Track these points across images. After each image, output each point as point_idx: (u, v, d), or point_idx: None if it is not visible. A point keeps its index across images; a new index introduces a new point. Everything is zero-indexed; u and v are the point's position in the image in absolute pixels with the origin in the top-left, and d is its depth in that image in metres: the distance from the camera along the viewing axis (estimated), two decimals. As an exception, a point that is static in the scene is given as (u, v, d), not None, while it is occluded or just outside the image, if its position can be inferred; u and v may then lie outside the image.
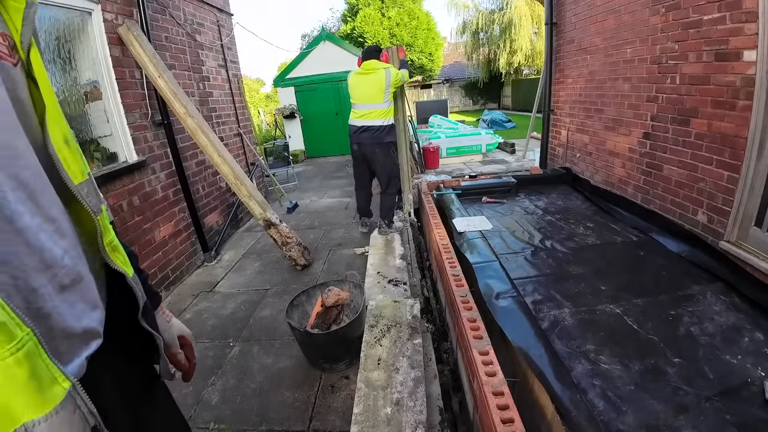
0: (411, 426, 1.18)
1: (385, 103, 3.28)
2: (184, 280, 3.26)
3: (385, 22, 15.27)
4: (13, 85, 0.46)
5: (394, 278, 2.17)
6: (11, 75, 0.46)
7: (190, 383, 2.04)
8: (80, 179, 0.56)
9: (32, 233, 0.43)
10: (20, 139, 0.44)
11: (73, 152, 0.56)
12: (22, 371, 0.37)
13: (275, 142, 6.99)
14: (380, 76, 3.20)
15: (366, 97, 3.30)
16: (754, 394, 1.28)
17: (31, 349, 0.38)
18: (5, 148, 0.42)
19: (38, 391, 0.38)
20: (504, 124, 11.56)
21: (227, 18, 4.74)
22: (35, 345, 0.38)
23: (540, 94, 5.16)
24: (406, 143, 3.91)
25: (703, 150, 2.25)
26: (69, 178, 0.52)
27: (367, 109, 3.31)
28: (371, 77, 3.23)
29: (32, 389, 0.37)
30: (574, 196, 3.46)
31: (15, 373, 0.36)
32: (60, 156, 0.51)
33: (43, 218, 0.46)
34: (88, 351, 0.51)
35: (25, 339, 0.37)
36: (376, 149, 3.35)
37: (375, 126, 3.31)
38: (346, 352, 2.00)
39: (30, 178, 0.44)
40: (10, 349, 0.36)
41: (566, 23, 3.89)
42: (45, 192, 0.47)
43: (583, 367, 1.44)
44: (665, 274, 2.04)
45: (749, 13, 1.86)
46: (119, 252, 0.65)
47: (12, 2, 0.48)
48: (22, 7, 0.48)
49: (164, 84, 2.89)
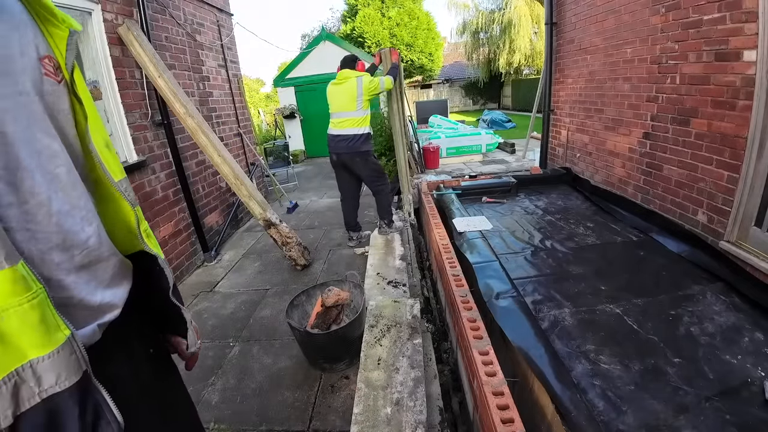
0: (411, 426, 1.18)
1: (358, 112, 3.22)
2: (184, 280, 3.26)
3: (385, 22, 15.26)
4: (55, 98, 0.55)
5: (393, 279, 2.17)
6: (55, 90, 0.55)
7: (190, 384, 2.03)
8: (120, 177, 0.66)
9: (62, 216, 0.53)
10: (55, 142, 0.54)
11: (113, 154, 0.67)
12: (35, 315, 0.45)
13: (275, 142, 6.99)
14: (351, 85, 3.17)
15: (340, 106, 3.26)
16: (754, 394, 1.28)
17: (43, 299, 0.46)
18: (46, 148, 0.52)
19: (45, 333, 0.46)
20: (504, 124, 11.56)
21: (227, 18, 4.74)
22: (45, 297, 0.47)
23: (540, 94, 5.16)
24: (404, 144, 3.92)
25: (703, 150, 2.25)
26: (111, 175, 0.63)
27: (342, 118, 3.26)
28: (344, 86, 3.21)
29: (41, 332, 0.45)
30: (574, 196, 3.46)
31: (30, 317, 0.44)
32: (103, 157, 0.62)
33: (72, 206, 0.55)
34: (101, 321, 0.60)
35: (38, 291, 0.46)
36: (356, 157, 3.28)
37: (350, 135, 3.25)
38: (346, 352, 2.00)
39: (64, 174, 0.54)
40: (28, 297, 0.44)
41: (566, 23, 3.89)
42: (76, 185, 0.56)
43: (583, 367, 1.44)
44: (665, 274, 2.04)
45: (749, 13, 1.86)
46: (152, 237, 0.74)
47: (57, 30, 0.57)
48: (65, 35, 0.58)
49: (164, 84, 2.89)
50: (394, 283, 2.12)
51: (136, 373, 0.68)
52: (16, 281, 0.43)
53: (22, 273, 0.44)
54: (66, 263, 0.54)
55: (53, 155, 0.53)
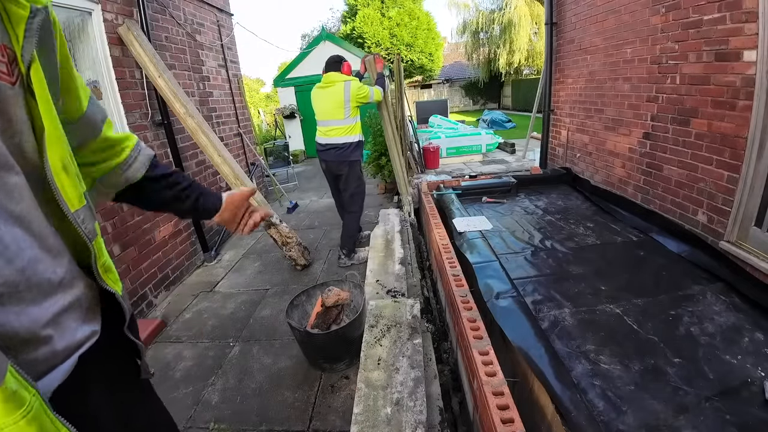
0: (411, 426, 1.18)
1: (346, 120, 3.01)
2: (184, 280, 3.26)
3: (385, 22, 15.26)
4: (5, 106, 0.43)
5: (392, 288, 2.18)
6: (6, 96, 0.43)
7: (190, 384, 2.04)
8: (77, 206, 0.56)
9: (32, 263, 0.47)
10: (10, 175, 0.45)
11: (71, 177, 0.55)
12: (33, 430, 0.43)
13: (275, 142, 6.99)
14: (338, 90, 2.95)
15: (326, 113, 3.06)
16: (754, 394, 1.28)
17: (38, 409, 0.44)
18: None
19: None
20: (504, 124, 11.57)
21: (227, 18, 4.74)
22: (41, 404, 0.44)
23: (540, 94, 5.16)
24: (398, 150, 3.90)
25: (703, 150, 2.25)
26: (66, 206, 0.53)
27: (329, 126, 3.07)
28: (329, 91, 2.99)
29: None
30: (574, 196, 3.46)
31: None
32: (58, 183, 0.51)
33: (40, 247, 0.49)
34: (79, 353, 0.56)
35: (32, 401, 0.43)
36: (343, 166, 3.13)
37: (339, 144, 3.07)
38: (346, 352, 2.00)
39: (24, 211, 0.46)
40: (22, 413, 0.42)
41: (566, 23, 3.89)
42: (36, 220, 0.49)
43: (583, 367, 1.44)
44: (665, 274, 2.04)
45: (749, 13, 1.86)
46: (111, 272, 0.67)
47: (15, 8, 0.43)
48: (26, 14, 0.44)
49: (164, 84, 2.89)
50: (393, 292, 2.13)
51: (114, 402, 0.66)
52: (7, 400, 0.40)
53: (11, 388, 0.41)
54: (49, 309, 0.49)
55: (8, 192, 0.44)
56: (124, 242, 2.62)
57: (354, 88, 2.96)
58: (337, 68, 3.06)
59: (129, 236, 2.68)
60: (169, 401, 1.91)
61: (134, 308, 2.63)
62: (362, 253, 3.28)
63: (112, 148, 0.76)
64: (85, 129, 0.70)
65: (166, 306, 2.88)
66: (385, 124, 3.76)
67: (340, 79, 2.98)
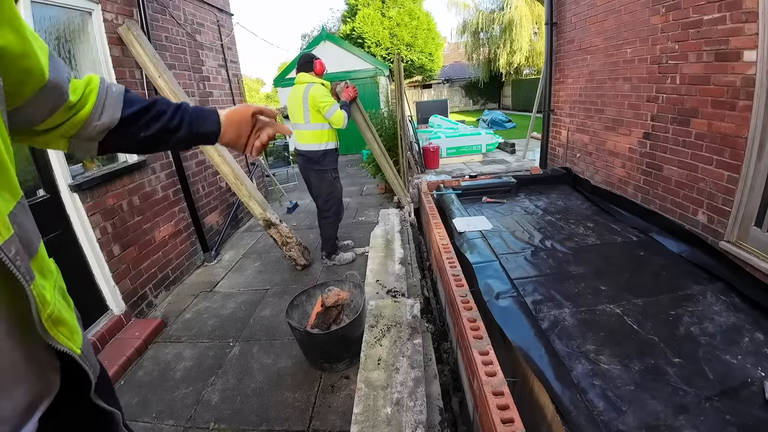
0: (411, 426, 1.18)
1: (311, 125, 2.83)
2: (184, 280, 3.26)
3: (385, 22, 15.27)
4: None
5: (392, 288, 2.18)
6: None
7: (190, 384, 2.04)
8: (6, 236, 0.41)
9: None
10: None
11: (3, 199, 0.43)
12: None
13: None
14: (299, 91, 2.80)
15: (292, 115, 2.90)
16: (754, 394, 1.28)
17: None
18: None
19: None
20: (504, 124, 11.57)
21: (227, 18, 4.74)
22: None
23: (540, 94, 5.16)
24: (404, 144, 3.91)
25: (703, 150, 2.25)
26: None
27: (298, 130, 2.93)
28: (294, 91, 2.85)
29: None
30: (574, 196, 3.46)
31: None
32: None
33: None
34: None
35: None
36: (310, 173, 3.02)
37: (305, 151, 2.92)
38: (346, 352, 2.00)
39: None
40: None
41: (566, 23, 3.89)
42: None
43: (583, 367, 1.44)
44: (665, 274, 2.04)
45: (749, 13, 1.86)
46: (63, 324, 0.52)
47: None
48: None
49: (164, 84, 2.89)
50: (393, 292, 2.14)
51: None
52: None
53: None
54: None
55: None
56: (124, 242, 2.62)
57: (313, 93, 2.75)
58: (309, 68, 2.88)
59: (129, 236, 2.67)
60: (169, 401, 1.91)
61: (134, 308, 2.63)
62: (346, 254, 3.32)
63: (77, 102, 0.65)
64: (51, 97, 0.59)
65: (166, 306, 2.88)
66: (371, 143, 3.68)
67: (305, 80, 2.84)
